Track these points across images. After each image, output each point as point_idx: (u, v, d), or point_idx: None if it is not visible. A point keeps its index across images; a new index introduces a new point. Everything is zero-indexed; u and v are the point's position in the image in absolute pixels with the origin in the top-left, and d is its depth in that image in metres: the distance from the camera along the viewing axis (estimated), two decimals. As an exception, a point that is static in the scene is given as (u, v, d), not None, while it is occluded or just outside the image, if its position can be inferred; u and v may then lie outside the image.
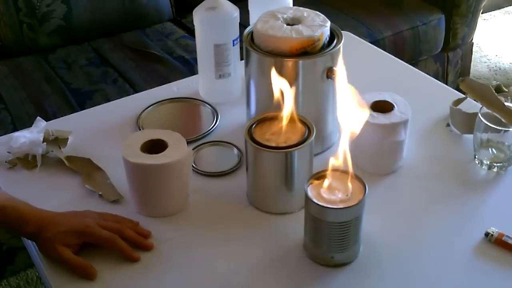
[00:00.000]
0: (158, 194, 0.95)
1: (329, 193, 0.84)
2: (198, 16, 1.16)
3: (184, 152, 0.93)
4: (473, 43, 2.37)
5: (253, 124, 0.94)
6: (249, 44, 1.02)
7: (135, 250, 0.89)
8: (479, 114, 1.01)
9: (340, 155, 0.83)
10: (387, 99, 1.02)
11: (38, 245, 0.90)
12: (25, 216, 0.89)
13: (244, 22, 1.18)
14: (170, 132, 0.97)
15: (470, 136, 1.06)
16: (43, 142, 1.09)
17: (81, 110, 1.40)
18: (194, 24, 1.17)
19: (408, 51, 2.12)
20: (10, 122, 1.62)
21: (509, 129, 0.99)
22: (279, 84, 0.90)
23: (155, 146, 0.94)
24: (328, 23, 1.02)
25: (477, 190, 1.01)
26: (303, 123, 0.94)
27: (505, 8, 3.20)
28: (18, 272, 1.77)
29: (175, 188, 0.95)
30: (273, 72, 0.91)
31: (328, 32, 1.02)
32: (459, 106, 1.12)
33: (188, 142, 1.10)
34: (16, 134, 1.10)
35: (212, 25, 1.16)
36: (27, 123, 1.21)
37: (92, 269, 0.87)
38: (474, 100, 1.10)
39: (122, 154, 0.93)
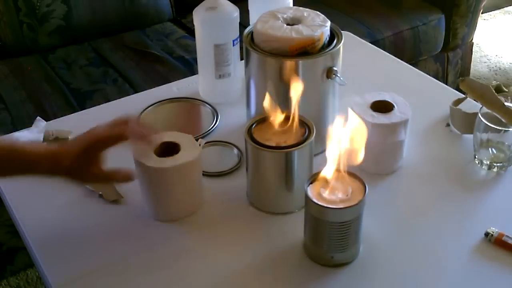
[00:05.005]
0: (177, 196, 0.94)
1: (329, 193, 0.84)
2: (198, 16, 1.16)
3: (198, 151, 0.93)
4: (473, 43, 2.37)
5: (253, 124, 0.94)
6: (249, 44, 1.02)
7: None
8: (479, 114, 1.01)
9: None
10: (387, 99, 1.02)
11: (63, 178, 0.87)
12: (31, 157, 0.85)
13: (244, 22, 1.18)
14: (179, 133, 0.96)
15: (470, 136, 1.06)
16: (43, 142, 1.09)
17: (81, 110, 1.40)
18: (194, 24, 1.17)
19: (408, 51, 2.12)
20: (10, 122, 1.62)
21: (509, 129, 0.99)
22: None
23: (168, 149, 0.93)
24: (328, 23, 1.02)
25: (477, 190, 1.01)
26: (303, 123, 0.94)
27: (505, 8, 3.21)
28: (18, 272, 1.77)
29: (193, 187, 0.95)
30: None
31: (328, 32, 1.02)
32: (459, 106, 1.12)
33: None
34: (16, 134, 1.10)
35: (212, 25, 1.16)
36: (27, 123, 1.21)
37: (128, 173, 0.88)
38: (474, 100, 1.10)
39: (134, 158, 0.92)
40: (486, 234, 0.90)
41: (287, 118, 0.93)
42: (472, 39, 2.34)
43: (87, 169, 0.86)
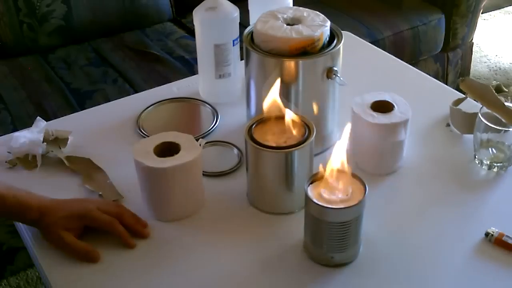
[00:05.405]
0: (177, 196, 0.94)
1: (329, 193, 0.84)
2: (198, 16, 1.16)
3: (198, 151, 0.93)
4: (473, 43, 2.37)
5: (253, 124, 0.94)
6: (249, 44, 1.02)
7: (132, 238, 0.91)
8: (479, 114, 1.01)
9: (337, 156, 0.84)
10: (387, 99, 1.02)
11: (41, 231, 0.91)
12: (26, 204, 0.90)
13: (244, 22, 1.18)
14: (179, 133, 0.96)
15: (470, 136, 1.06)
16: (43, 142, 1.09)
17: (81, 110, 1.40)
18: (194, 24, 1.17)
19: (408, 51, 2.12)
20: (10, 122, 1.62)
21: (509, 129, 0.99)
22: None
23: (168, 149, 0.93)
24: (328, 23, 1.02)
25: (477, 190, 1.01)
26: (303, 123, 0.94)
27: (505, 8, 3.21)
28: (18, 272, 1.77)
29: (193, 187, 0.96)
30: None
31: (328, 32, 1.02)
32: (459, 106, 1.12)
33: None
34: (16, 134, 1.10)
35: (212, 25, 1.16)
36: (27, 123, 1.21)
37: (94, 252, 0.89)
38: (474, 100, 1.10)
39: (134, 158, 0.92)
40: (486, 234, 0.90)
41: (286, 118, 0.93)
42: (472, 39, 2.34)
43: (63, 233, 0.89)
